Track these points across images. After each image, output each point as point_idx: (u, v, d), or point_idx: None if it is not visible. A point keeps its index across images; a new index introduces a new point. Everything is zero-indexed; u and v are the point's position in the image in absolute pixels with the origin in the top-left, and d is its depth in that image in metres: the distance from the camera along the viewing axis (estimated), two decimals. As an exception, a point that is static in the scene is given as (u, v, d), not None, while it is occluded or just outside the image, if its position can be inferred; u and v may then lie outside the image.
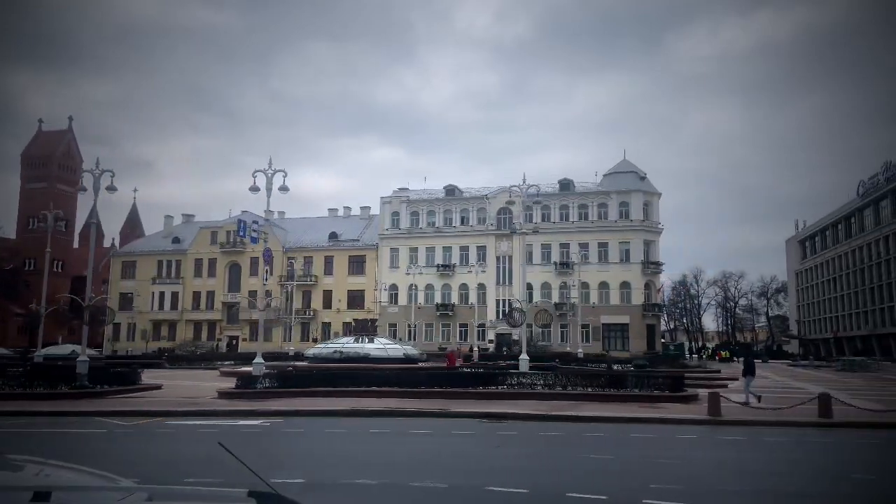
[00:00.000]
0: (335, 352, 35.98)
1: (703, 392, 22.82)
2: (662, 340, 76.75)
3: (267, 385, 23.31)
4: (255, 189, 24.52)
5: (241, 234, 25.89)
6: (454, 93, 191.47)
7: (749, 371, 21.19)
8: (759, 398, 19.76)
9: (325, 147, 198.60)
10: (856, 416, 17.69)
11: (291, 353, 48.58)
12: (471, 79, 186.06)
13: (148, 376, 36.13)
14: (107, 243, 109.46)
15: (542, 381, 23.34)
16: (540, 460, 11.68)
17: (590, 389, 22.70)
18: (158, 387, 26.08)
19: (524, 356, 27.24)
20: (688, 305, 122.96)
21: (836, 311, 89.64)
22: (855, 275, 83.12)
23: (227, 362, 46.57)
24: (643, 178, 71.96)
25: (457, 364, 31.66)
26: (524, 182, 28.78)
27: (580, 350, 51.92)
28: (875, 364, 52.20)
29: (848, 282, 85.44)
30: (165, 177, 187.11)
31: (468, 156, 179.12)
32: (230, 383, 24.51)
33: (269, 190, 24.55)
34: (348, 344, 37.02)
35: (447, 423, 16.83)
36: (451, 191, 76.35)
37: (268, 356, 51.87)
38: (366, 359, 34.36)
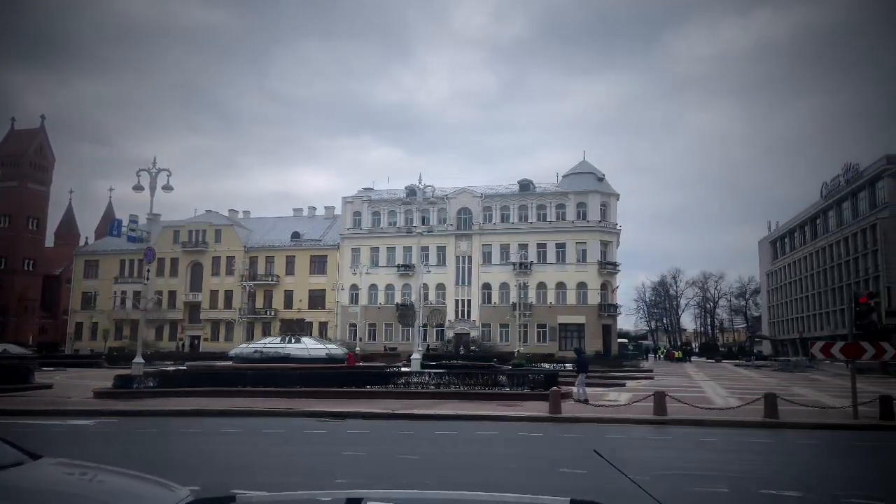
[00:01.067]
0: (255, 352, 36.01)
1: (595, 390, 23.68)
2: (622, 340, 76.90)
3: (144, 385, 23.50)
4: (138, 188, 24.73)
5: (116, 233, 26.01)
6: (452, 92, 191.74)
7: (581, 369, 21.42)
8: (585, 400, 19.87)
9: (324, 147, 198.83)
10: (689, 413, 17.90)
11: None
12: (468, 79, 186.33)
13: (70, 375, 36.54)
14: (82, 242, 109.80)
15: (416, 381, 23.59)
16: (287, 458, 11.90)
17: (463, 388, 22.97)
18: (49, 386, 26.27)
19: (416, 356, 27.51)
20: (667, 305, 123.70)
21: (802, 312, 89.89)
22: (818, 276, 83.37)
23: (169, 362, 46.86)
24: (601, 180, 72.22)
25: (356, 363, 31.88)
26: (419, 181, 29.04)
27: (517, 350, 52.12)
28: (815, 364, 52.41)
29: (812, 283, 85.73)
30: (164, 177, 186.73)
31: (466, 155, 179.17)
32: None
33: (153, 189, 24.77)
34: (270, 344, 37.06)
35: (278, 421, 17.04)
36: (412, 191, 76.41)
37: (215, 356, 52.56)
38: (286, 359, 34.33)
